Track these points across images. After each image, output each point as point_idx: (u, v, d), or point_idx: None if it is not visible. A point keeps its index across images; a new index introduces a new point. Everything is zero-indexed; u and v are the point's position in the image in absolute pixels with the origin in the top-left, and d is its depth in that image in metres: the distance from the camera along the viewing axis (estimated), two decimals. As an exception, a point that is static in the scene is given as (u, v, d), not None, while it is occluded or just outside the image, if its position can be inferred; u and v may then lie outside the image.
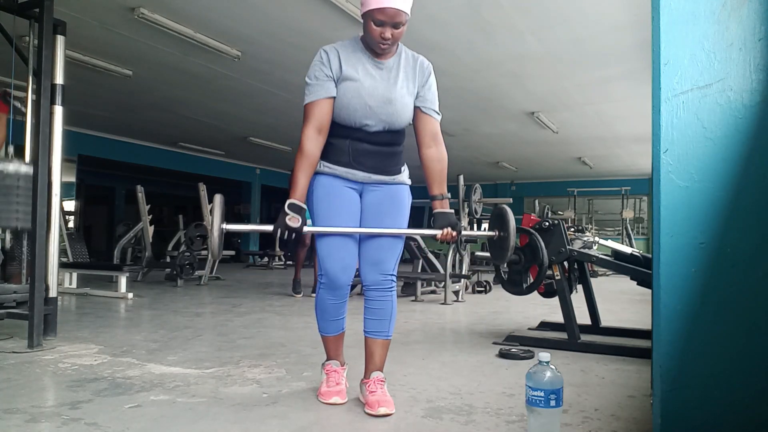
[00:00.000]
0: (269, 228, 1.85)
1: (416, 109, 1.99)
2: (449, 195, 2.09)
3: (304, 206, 1.89)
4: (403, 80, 1.96)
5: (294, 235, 1.84)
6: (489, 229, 2.06)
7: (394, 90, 1.93)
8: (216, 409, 1.94)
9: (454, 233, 1.94)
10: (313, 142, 1.89)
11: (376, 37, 1.83)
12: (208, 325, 3.84)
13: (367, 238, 2.04)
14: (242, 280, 8.02)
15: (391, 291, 2.03)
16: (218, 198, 1.85)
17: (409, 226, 2.08)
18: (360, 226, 2.01)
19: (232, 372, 2.47)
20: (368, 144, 1.96)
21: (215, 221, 1.79)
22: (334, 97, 1.91)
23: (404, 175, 2.08)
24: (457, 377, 2.43)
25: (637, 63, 5.83)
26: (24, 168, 3.10)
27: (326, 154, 1.97)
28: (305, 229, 1.86)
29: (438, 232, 1.95)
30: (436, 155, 1.99)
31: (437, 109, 2.02)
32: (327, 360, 2.14)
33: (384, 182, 2.02)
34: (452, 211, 2.00)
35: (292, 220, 1.84)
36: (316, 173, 1.99)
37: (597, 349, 3.00)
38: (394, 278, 2.04)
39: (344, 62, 1.91)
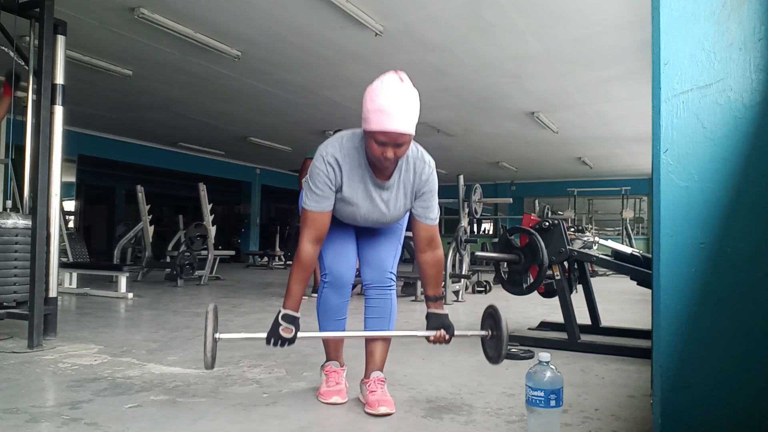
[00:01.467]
0: (263, 336, 1.83)
1: (412, 214, 1.96)
2: (444, 295, 2.10)
3: (298, 315, 1.86)
4: (402, 198, 1.91)
5: (287, 344, 1.83)
6: (481, 328, 2.01)
7: (389, 212, 1.92)
8: (216, 409, 1.94)
9: (447, 336, 1.90)
10: (311, 254, 1.86)
11: (378, 155, 1.75)
12: (208, 325, 3.83)
13: (365, 238, 2.06)
14: (242, 280, 8.02)
15: (390, 289, 2.05)
16: (211, 307, 1.81)
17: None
18: (359, 227, 2.03)
19: (232, 372, 2.47)
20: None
21: (208, 331, 1.75)
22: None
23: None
24: (457, 377, 2.43)
25: (637, 63, 5.83)
26: (21, 223, 3.15)
27: None
28: (300, 334, 1.85)
29: (431, 333, 1.91)
30: (432, 260, 1.96)
31: (434, 216, 1.96)
32: (326, 361, 2.14)
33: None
34: (446, 313, 1.96)
35: (285, 331, 1.82)
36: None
37: (597, 349, 3.00)
38: (394, 276, 2.06)
39: (346, 179, 1.85)
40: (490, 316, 1.98)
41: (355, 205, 1.88)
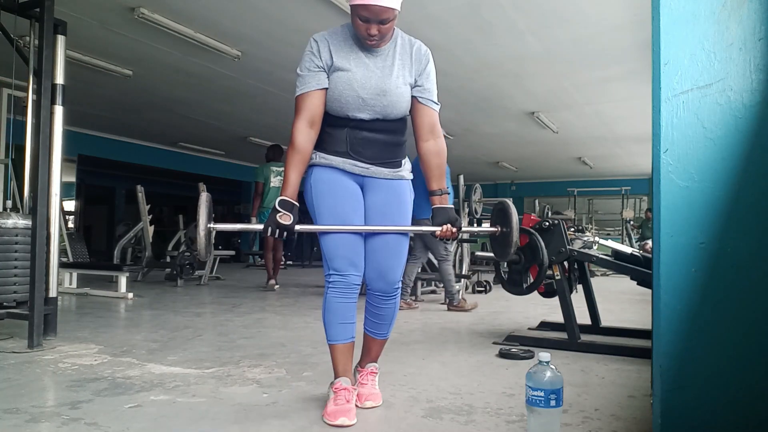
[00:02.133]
0: (260, 227, 1.77)
1: (413, 99, 1.89)
2: (449, 190, 2.04)
3: (297, 203, 1.79)
4: (399, 69, 1.85)
5: (286, 233, 1.75)
6: (491, 225, 1.97)
7: (388, 80, 1.83)
8: (216, 409, 1.93)
9: (454, 230, 1.85)
10: (304, 135, 1.81)
11: (362, 33, 1.75)
12: (208, 325, 3.84)
13: (373, 243, 1.93)
14: (242, 280, 8.02)
15: (395, 297, 1.98)
16: (204, 196, 1.75)
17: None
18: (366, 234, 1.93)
19: (232, 372, 2.47)
20: (367, 132, 1.87)
21: (201, 221, 1.71)
22: (326, 88, 1.83)
23: (405, 170, 1.98)
24: (457, 377, 2.43)
25: (637, 63, 5.83)
26: (21, 223, 3.15)
27: (322, 144, 1.89)
28: (297, 227, 1.77)
29: (437, 229, 1.86)
30: (435, 148, 1.90)
31: (436, 100, 1.91)
32: (335, 378, 1.90)
33: (384, 177, 1.92)
34: (452, 206, 1.91)
35: (284, 218, 1.74)
36: (312, 165, 1.91)
37: (597, 349, 2.99)
38: (400, 284, 2.00)
39: (335, 51, 1.82)
40: (501, 212, 1.94)
41: (349, 71, 1.81)
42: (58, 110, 3.22)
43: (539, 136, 9.70)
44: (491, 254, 2.19)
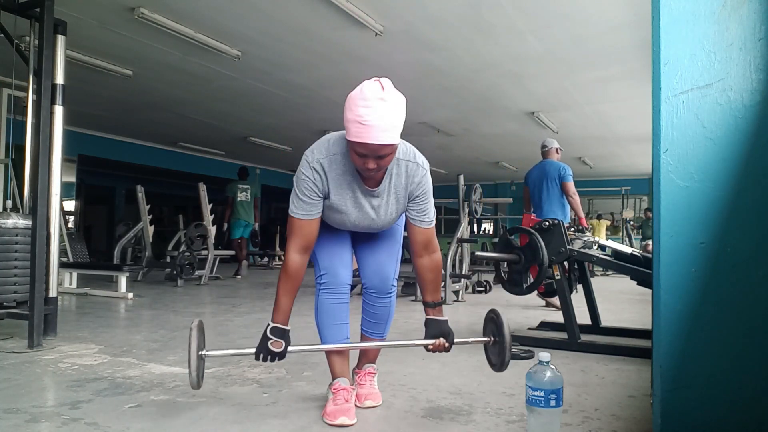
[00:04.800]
0: (251, 351, 1.74)
1: (407, 218, 1.87)
2: (443, 300, 2.02)
3: (288, 328, 1.77)
4: (393, 204, 1.82)
5: (277, 359, 1.74)
6: (483, 334, 1.94)
7: (382, 217, 1.83)
8: (216, 409, 1.94)
9: (447, 345, 1.83)
10: (298, 264, 1.76)
11: (360, 166, 1.66)
12: (208, 325, 3.84)
13: (363, 243, 1.98)
14: (242, 280, 8.02)
15: (391, 296, 2.01)
16: (195, 323, 1.69)
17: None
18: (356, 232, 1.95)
19: (232, 372, 2.47)
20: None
21: (192, 349, 1.64)
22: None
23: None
24: (457, 377, 2.43)
25: (637, 63, 5.83)
26: (21, 223, 3.15)
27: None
28: (290, 349, 1.76)
29: (430, 342, 1.84)
30: (429, 264, 1.87)
31: (430, 219, 1.86)
32: (333, 379, 1.92)
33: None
34: (445, 319, 1.88)
35: (275, 345, 1.73)
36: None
37: (597, 349, 2.99)
38: (396, 281, 2.01)
39: (332, 188, 1.76)
40: (492, 321, 1.89)
41: (344, 213, 1.80)
42: (58, 110, 3.22)
43: (539, 136, 9.65)
44: (491, 254, 2.18)
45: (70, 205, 10.07)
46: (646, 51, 4.84)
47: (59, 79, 3.22)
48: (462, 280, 5.77)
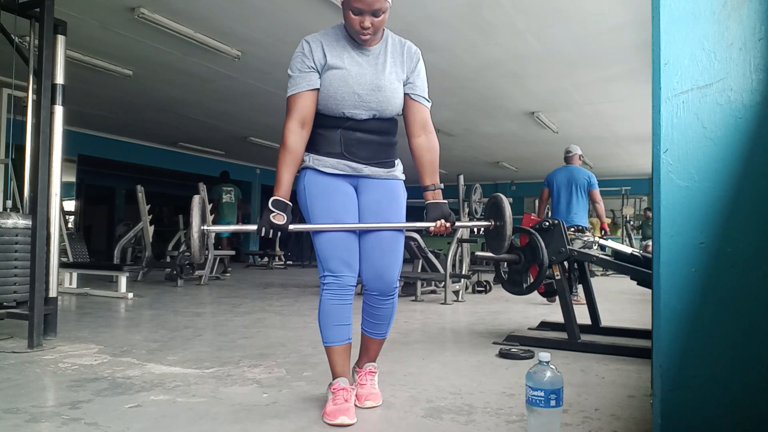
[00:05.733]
0: (253, 228, 1.78)
1: (405, 96, 1.92)
2: (442, 185, 2.02)
3: (289, 203, 1.81)
4: (391, 66, 1.88)
5: (279, 233, 1.78)
6: (485, 219, 1.97)
7: (382, 76, 1.85)
8: (216, 409, 1.94)
9: (448, 224, 1.85)
10: (296, 136, 1.82)
11: (356, 26, 1.76)
12: (208, 325, 3.84)
13: (368, 243, 1.93)
14: (242, 280, 8.02)
15: (393, 298, 1.97)
16: (196, 199, 1.76)
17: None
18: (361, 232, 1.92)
19: (232, 372, 2.47)
20: (360, 132, 1.87)
21: (194, 223, 1.72)
22: (318, 89, 1.83)
23: (398, 170, 2.00)
24: (457, 377, 2.43)
25: (637, 63, 5.83)
26: (21, 223, 3.15)
27: (316, 146, 1.89)
28: (291, 226, 1.78)
29: (431, 225, 1.86)
30: (426, 144, 1.92)
31: (427, 97, 1.94)
32: (334, 379, 1.90)
33: (379, 177, 1.93)
34: (445, 201, 1.92)
35: (277, 218, 1.76)
36: (305, 168, 1.91)
37: (597, 349, 3.00)
38: (397, 284, 2.00)
39: (328, 51, 1.84)
40: (494, 206, 1.93)
41: (343, 69, 1.82)
42: (58, 110, 3.22)
43: (539, 136, 9.70)
44: (491, 254, 2.18)
45: (70, 205, 10.07)
46: (646, 51, 4.85)
47: (59, 79, 3.22)
48: (462, 280, 5.77)
